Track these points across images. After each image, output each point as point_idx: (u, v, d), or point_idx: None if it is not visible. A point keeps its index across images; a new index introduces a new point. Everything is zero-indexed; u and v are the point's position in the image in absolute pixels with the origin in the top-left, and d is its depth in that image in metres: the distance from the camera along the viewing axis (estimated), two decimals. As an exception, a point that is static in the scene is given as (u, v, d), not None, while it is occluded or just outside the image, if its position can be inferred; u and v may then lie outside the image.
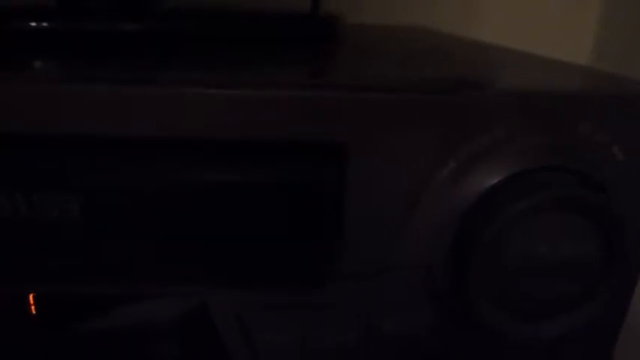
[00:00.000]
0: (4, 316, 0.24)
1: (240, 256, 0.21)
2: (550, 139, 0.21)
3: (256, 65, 0.27)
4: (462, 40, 0.41)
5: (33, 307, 0.24)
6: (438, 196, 0.21)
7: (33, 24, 0.30)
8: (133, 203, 0.20)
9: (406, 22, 0.51)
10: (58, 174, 0.20)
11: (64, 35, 0.30)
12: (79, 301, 0.24)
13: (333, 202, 0.21)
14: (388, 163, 0.21)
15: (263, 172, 0.20)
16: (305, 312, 0.23)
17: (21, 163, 0.20)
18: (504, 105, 0.21)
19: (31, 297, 0.24)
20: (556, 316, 0.22)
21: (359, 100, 0.20)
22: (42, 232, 0.20)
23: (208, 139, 0.20)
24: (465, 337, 0.24)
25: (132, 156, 0.20)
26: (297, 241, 0.21)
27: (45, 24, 0.30)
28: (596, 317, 0.22)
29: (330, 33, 0.37)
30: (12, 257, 0.21)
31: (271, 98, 0.20)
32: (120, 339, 0.24)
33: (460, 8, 0.56)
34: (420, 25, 0.49)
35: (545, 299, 0.21)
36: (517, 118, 0.21)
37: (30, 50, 0.28)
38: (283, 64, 0.28)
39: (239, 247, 0.21)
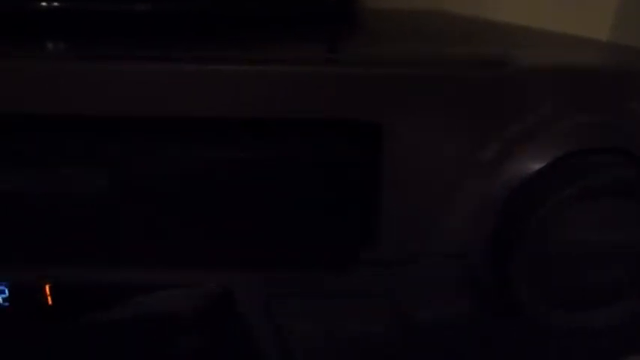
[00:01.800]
0: (21, 307, 0.23)
1: (272, 237, 0.21)
2: (599, 118, 0.20)
3: (277, 43, 0.26)
4: (485, 21, 0.39)
5: (49, 298, 0.23)
6: (478, 180, 0.20)
7: (44, 4, 0.29)
8: (161, 182, 0.19)
9: (418, 6, 0.50)
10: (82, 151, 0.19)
11: (77, 15, 0.29)
12: (97, 290, 0.23)
13: (368, 183, 0.20)
14: (425, 144, 0.20)
15: (293, 151, 0.20)
16: (335, 299, 0.22)
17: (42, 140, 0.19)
18: (551, 82, 0.19)
19: (47, 287, 0.23)
20: (604, 306, 0.21)
21: (394, 77, 0.19)
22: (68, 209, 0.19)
23: (237, 118, 0.19)
24: (503, 327, 0.23)
25: (160, 135, 0.19)
26: (330, 223, 0.20)
27: (56, 4, 0.28)
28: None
29: (347, 14, 0.36)
30: (33, 234, 0.20)
31: (304, 74, 0.19)
32: (140, 330, 0.23)
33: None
34: (436, 9, 0.48)
35: (592, 288, 0.20)
36: (565, 97, 0.19)
37: (43, 30, 0.27)
38: (306, 43, 0.27)
39: (270, 228, 0.20)
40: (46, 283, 0.22)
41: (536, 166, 0.20)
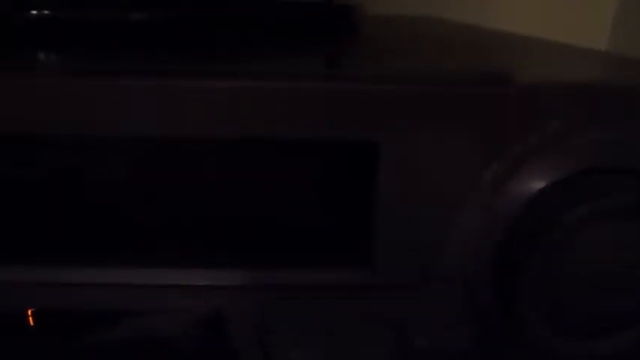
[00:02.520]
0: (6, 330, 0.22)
1: (270, 260, 0.20)
2: (609, 136, 0.19)
3: (277, 56, 0.25)
4: (485, 29, 0.39)
5: (31, 319, 0.22)
6: (481, 200, 0.19)
7: (34, 12, 0.28)
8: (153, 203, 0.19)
9: (417, 12, 0.49)
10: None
11: (69, 24, 0.28)
12: (85, 313, 0.22)
13: (366, 204, 0.19)
14: (426, 163, 0.19)
15: (289, 171, 0.19)
16: (335, 324, 0.21)
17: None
18: (559, 98, 0.18)
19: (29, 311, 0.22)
20: (611, 332, 0.20)
21: (392, 94, 0.18)
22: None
23: (234, 135, 0.18)
24: (507, 352, 0.22)
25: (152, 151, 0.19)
26: (327, 245, 0.20)
27: (47, 12, 0.28)
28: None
29: (347, 23, 0.35)
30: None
31: (304, 90, 0.18)
32: (131, 355, 0.22)
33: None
34: (436, 16, 0.48)
35: (599, 314, 0.19)
36: (572, 113, 0.18)
37: (37, 40, 0.26)
38: (304, 56, 0.26)
39: (268, 251, 0.20)
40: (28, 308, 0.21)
41: (543, 185, 0.19)
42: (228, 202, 0.19)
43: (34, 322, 0.22)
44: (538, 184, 0.19)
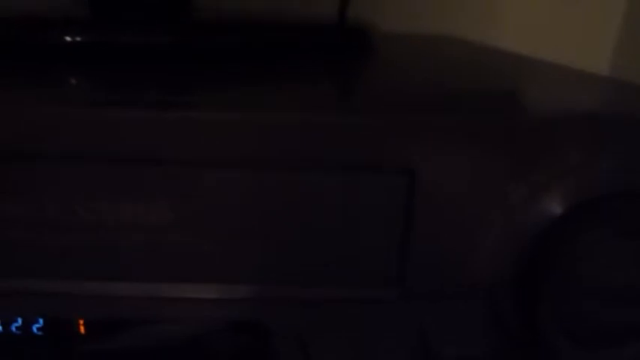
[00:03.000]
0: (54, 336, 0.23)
1: (306, 274, 0.21)
2: (623, 163, 0.20)
3: (298, 83, 0.27)
4: (499, 51, 0.40)
5: (82, 328, 0.23)
6: (505, 221, 0.21)
7: (68, 38, 0.29)
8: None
9: (429, 29, 0.51)
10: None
11: (98, 49, 0.30)
12: (129, 321, 0.23)
13: (400, 223, 0.20)
14: (454, 187, 0.20)
15: (327, 195, 0.20)
16: (366, 334, 0.22)
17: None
18: (579, 127, 0.20)
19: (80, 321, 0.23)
20: (628, 343, 0.21)
21: (426, 124, 0.20)
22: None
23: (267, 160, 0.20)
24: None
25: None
26: (361, 261, 0.21)
27: (79, 38, 0.29)
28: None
29: (361, 45, 0.36)
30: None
31: (337, 123, 0.19)
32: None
33: (479, 14, 0.56)
34: (449, 34, 0.49)
35: (616, 328, 0.21)
36: (591, 142, 0.20)
37: (65, 65, 0.28)
38: (324, 82, 0.28)
39: (305, 265, 0.21)
40: (79, 318, 0.23)
41: (563, 209, 0.20)
42: (283, 225, 0.21)
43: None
44: (558, 208, 0.20)
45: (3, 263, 0.21)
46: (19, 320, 0.23)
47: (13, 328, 0.23)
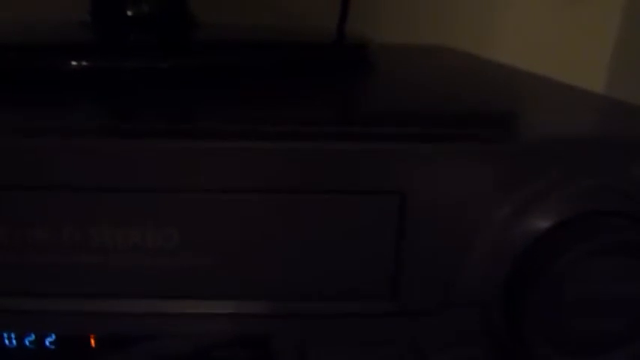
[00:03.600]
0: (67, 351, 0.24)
1: (305, 289, 0.22)
2: (601, 182, 0.21)
3: (296, 104, 0.28)
4: (495, 65, 0.41)
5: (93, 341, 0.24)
6: (493, 237, 0.22)
7: (74, 63, 0.30)
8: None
9: (426, 40, 0.51)
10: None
11: (103, 74, 0.30)
12: (136, 335, 0.24)
13: (394, 243, 0.22)
14: (444, 207, 0.21)
15: (332, 215, 0.21)
16: (361, 347, 0.23)
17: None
18: (559, 150, 0.21)
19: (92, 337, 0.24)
20: (607, 351, 0.22)
21: (416, 150, 0.21)
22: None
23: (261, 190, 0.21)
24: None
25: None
26: (357, 278, 0.22)
27: (85, 63, 0.30)
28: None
29: (360, 61, 0.37)
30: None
31: (333, 150, 0.21)
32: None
33: (477, 26, 0.57)
34: (445, 46, 0.50)
35: (602, 336, 0.22)
36: (570, 163, 0.21)
37: (69, 90, 0.28)
38: (323, 102, 0.29)
39: (304, 280, 0.22)
40: (90, 334, 0.24)
41: (546, 225, 0.21)
42: (282, 244, 0.22)
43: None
44: (542, 225, 0.21)
45: (18, 283, 0.22)
46: (32, 335, 0.24)
47: (27, 343, 0.24)
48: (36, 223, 0.21)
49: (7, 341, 0.23)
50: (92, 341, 0.24)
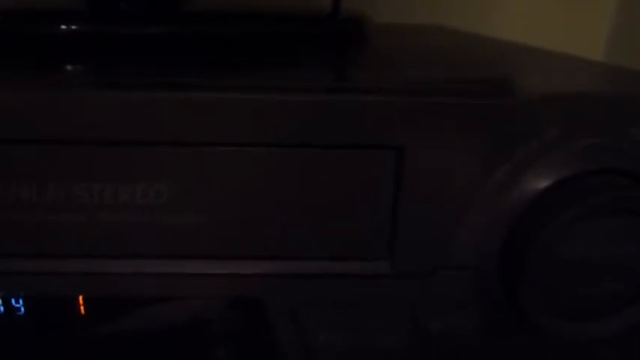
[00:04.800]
0: (52, 316, 0.24)
1: (299, 249, 0.22)
2: (601, 141, 0.21)
3: (292, 66, 0.27)
4: (488, 39, 0.41)
5: (82, 308, 0.24)
6: (490, 198, 0.21)
7: (63, 27, 0.29)
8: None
9: (423, 20, 0.51)
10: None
11: (94, 39, 0.30)
12: (125, 300, 0.24)
13: (389, 201, 0.21)
14: (440, 165, 0.21)
15: (317, 171, 0.21)
16: (356, 310, 0.23)
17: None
18: (557, 107, 0.21)
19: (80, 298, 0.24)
20: (606, 316, 0.22)
21: (414, 105, 0.20)
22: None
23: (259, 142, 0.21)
24: (514, 339, 0.24)
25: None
26: (351, 238, 0.22)
27: (74, 27, 0.29)
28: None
29: (356, 34, 0.37)
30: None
31: (332, 102, 0.20)
32: (169, 341, 0.24)
33: (474, 4, 0.56)
34: (443, 24, 0.49)
35: (595, 300, 0.22)
36: (569, 121, 0.21)
37: (62, 54, 0.28)
38: (319, 67, 0.28)
39: (297, 240, 0.22)
40: (78, 294, 0.23)
41: (543, 185, 0.21)
42: (276, 201, 0.21)
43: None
44: (539, 185, 0.21)
45: (3, 243, 0.22)
46: (20, 300, 0.23)
47: (14, 304, 0.23)
48: (20, 180, 0.21)
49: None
50: (81, 307, 0.24)
